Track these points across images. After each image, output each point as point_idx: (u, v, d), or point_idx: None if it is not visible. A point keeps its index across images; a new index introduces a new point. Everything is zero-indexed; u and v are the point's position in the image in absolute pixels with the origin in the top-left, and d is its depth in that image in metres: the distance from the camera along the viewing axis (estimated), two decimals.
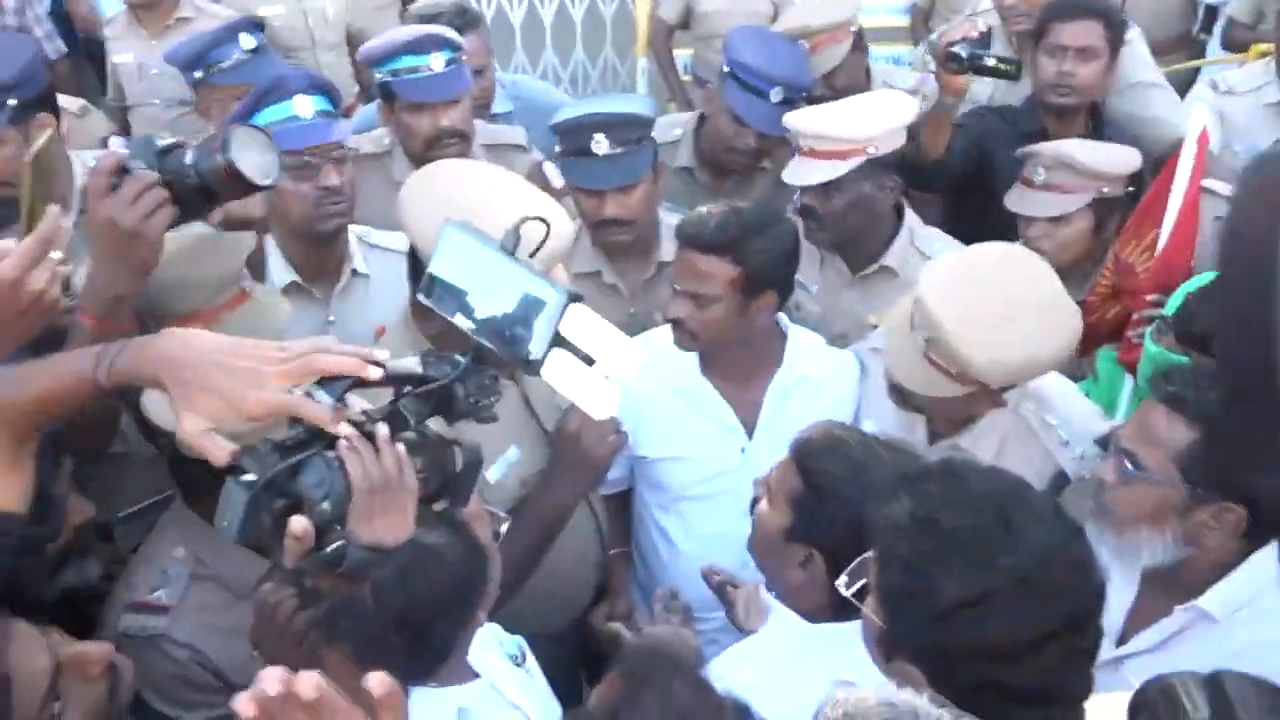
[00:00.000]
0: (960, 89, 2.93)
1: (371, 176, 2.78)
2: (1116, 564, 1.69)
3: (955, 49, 2.83)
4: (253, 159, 1.54)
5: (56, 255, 1.34)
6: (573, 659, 2.46)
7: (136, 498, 1.98)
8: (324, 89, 2.42)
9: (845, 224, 2.66)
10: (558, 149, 2.64)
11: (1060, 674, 1.22)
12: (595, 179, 2.52)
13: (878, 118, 2.65)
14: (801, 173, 2.63)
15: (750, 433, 2.36)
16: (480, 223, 1.84)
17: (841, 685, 1.09)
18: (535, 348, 1.08)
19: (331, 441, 1.10)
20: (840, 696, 1.05)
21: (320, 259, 2.49)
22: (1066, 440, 2.10)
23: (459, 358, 1.17)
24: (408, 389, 1.17)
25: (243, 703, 0.81)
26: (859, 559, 1.38)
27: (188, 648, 1.70)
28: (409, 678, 1.32)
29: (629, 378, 1.07)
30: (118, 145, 1.59)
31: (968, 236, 2.62)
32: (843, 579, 1.42)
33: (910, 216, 2.77)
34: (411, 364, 1.17)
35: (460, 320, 1.12)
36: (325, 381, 1.10)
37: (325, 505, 1.09)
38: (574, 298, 1.07)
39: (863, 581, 1.35)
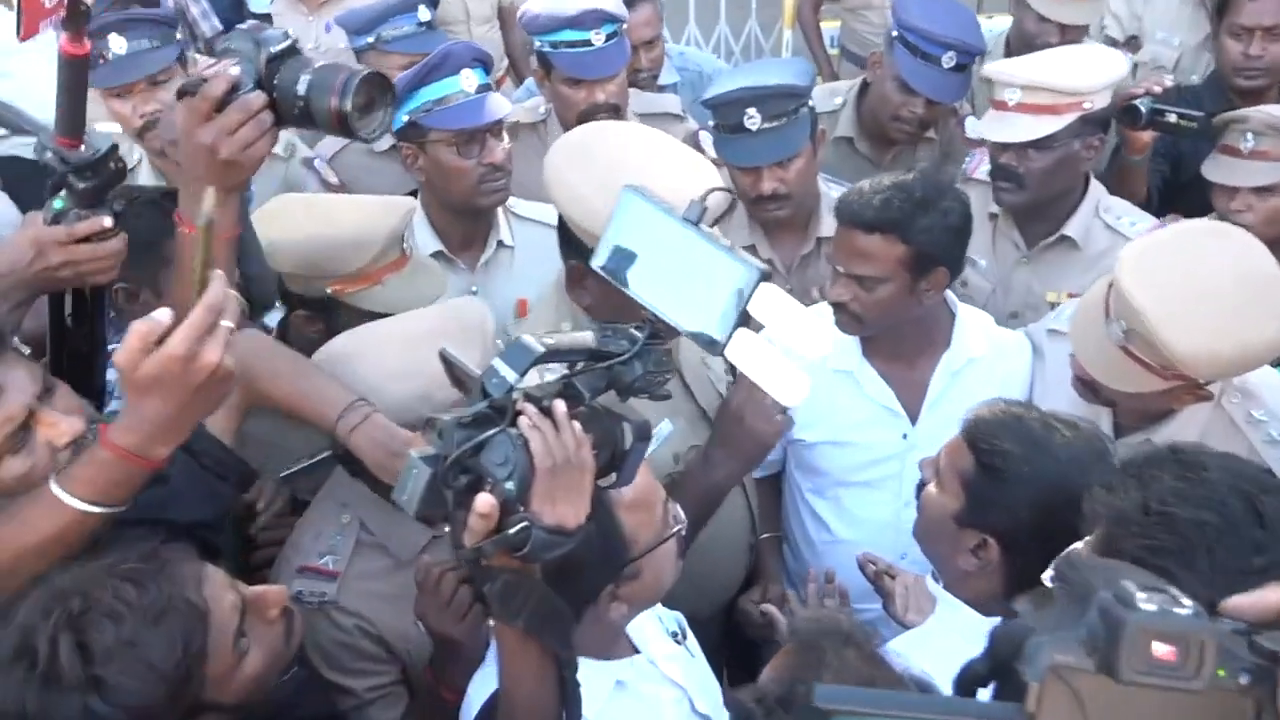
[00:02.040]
0: (1141, 148, 2.70)
1: (527, 146, 2.76)
2: None
3: (1136, 103, 2.61)
4: (369, 113, 1.49)
5: (227, 324, 1.26)
6: (715, 645, 2.39)
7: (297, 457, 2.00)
8: (484, 62, 2.42)
9: (1048, 186, 2.49)
10: (711, 124, 2.56)
11: None
12: (749, 155, 2.42)
13: (1096, 70, 2.47)
14: (1009, 128, 2.44)
15: (914, 418, 2.23)
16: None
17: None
18: (720, 326, 1.01)
19: (513, 419, 1.07)
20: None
21: (468, 230, 2.49)
22: (1277, 438, 1.91)
23: (635, 332, 1.12)
24: (582, 364, 1.13)
25: None
26: (1067, 551, 1.25)
27: (355, 616, 1.71)
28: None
29: (819, 358, 0.99)
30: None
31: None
32: (1049, 572, 1.29)
33: (1095, 185, 2.57)
34: (582, 339, 1.12)
35: (636, 292, 1.06)
36: (507, 354, 1.06)
37: (510, 484, 1.06)
38: (765, 275, 1.00)
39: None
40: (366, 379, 1.65)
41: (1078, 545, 1.21)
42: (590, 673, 1.45)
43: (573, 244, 1.91)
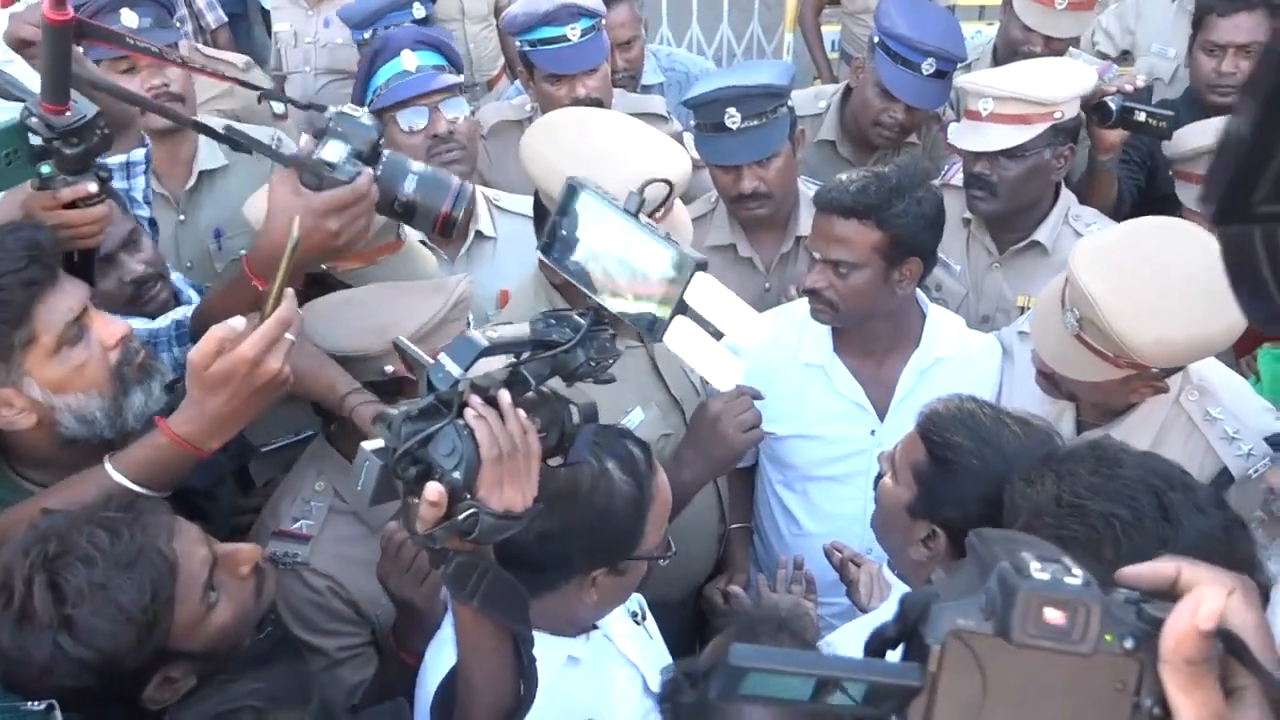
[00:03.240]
0: (1111, 146, 2.72)
1: (512, 143, 2.79)
2: None
3: (1107, 100, 2.64)
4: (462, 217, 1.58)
5: (290, 337, 1.41)
6: (688, 630, 2.43)
7: (274, 435, 2.05)
8: (434, 45, 2.50)
9: (1020, 194, 2.55)
10: (692, 124, 2.61)
11: None
12: (729, 154, 2.47)
13: (1066, 81, 2.52)
14: (982, 137, 2.51)
15: (882, 415, 2.27)
16: (603, 168, 1.86)
17: None
18: (659, 314, 1.05)
19: (460, 409, 1.12)
20: None
21: None
22: (1233, 435, 1.94)
23: (579, 318, 1.16)
24: (528, 353, 1.17)
25: None
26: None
27: (327, 578, 1.76)
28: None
29: (751, 346, 1.03)
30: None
31: None
32: None
33: (1066, 193, 2.62)
34: (523, 331, 1.16)
35: (580, 280, 1.10)
36: (452, 350, 1.11)
37: (457, 474, 1.11)
38: (700, 265, 1.04)
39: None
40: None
41: None
42: (542, 646, 1.50)
43: (545, 218, 1.95)
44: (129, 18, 2.57)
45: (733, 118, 2.41)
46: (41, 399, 1.48)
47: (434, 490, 1.10)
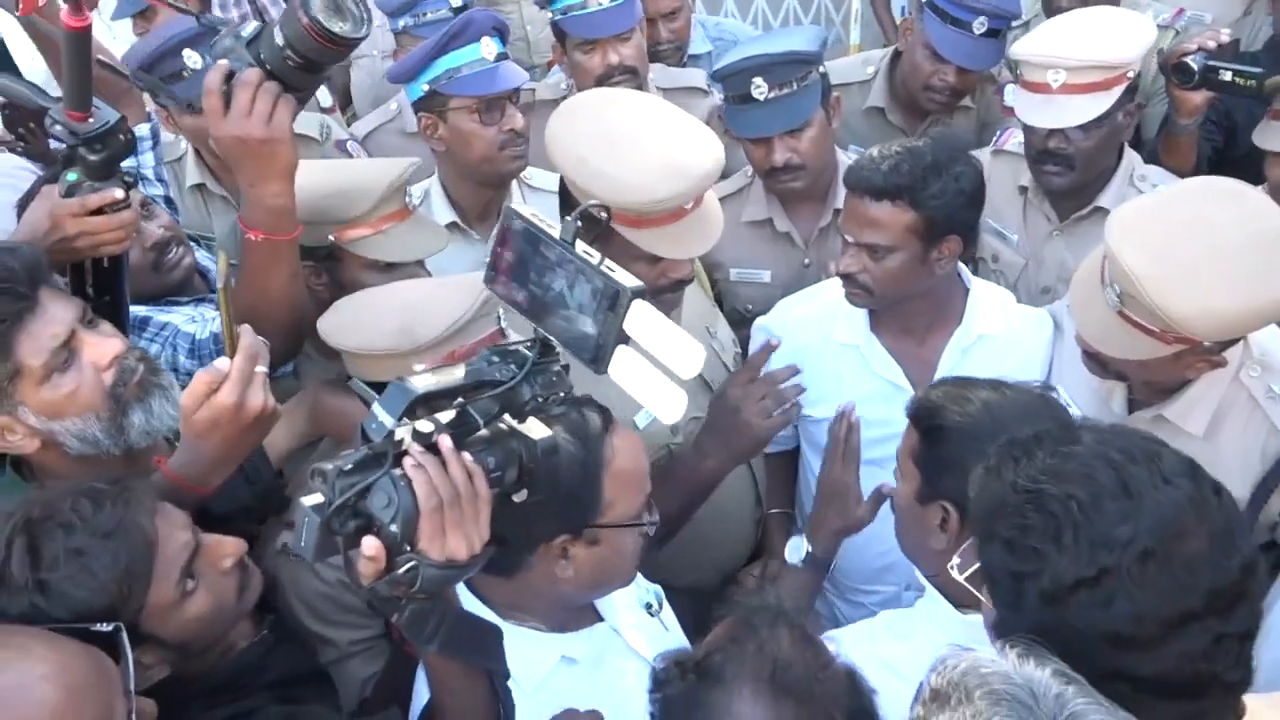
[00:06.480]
0: (1194, 109, 2.53)
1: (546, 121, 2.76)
2: None
3: (1188, 60, 2.45)
4: (339, 14, 1.52)
5: (261, 369, 1.43)
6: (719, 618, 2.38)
7: None
8: (502, 31, 2.43)
9: (1096, 163, 2.40)
10: (722, 97, 2.51)
11: (1205, 661, 1.03)
12: (758, 125, 2.38)
13: (1134, 37, 2.36)
14: (1059, 112, 2.31)
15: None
16: (625, 152, 1.81)
17: (957, 650, 0.97)
18: (601, 344, 1.04)
19: (397, 459, 1.10)
20: (951, 661, 0.94)
21: (485, 201, 2.51)
22: None
23: (526, 352, 1.16)
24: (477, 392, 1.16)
25: None
26: (969, 541, 1.21)
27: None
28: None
29: (691, 375, 1.01)
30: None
31: None
32: (955, 561, 1.25)
33: (1130, 153, 2.45)
34: (458, 374, 1.15)
35: (523, 311, 1.10)
36: (385, 399, 1.10)
37: (394, 527, 1.10)
38: (637, 293, 1.02)
39: (977, 565, 1.18)
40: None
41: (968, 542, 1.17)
42: (535, 648, 1.49)
43: (570, 203, 1.91)
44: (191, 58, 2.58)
45: (759, 88, 2.32)
46: (39, 425, 1.48)
47: (370, 545, 1.09)
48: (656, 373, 1.03)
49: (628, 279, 1.04)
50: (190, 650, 1.36)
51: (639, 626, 1.65)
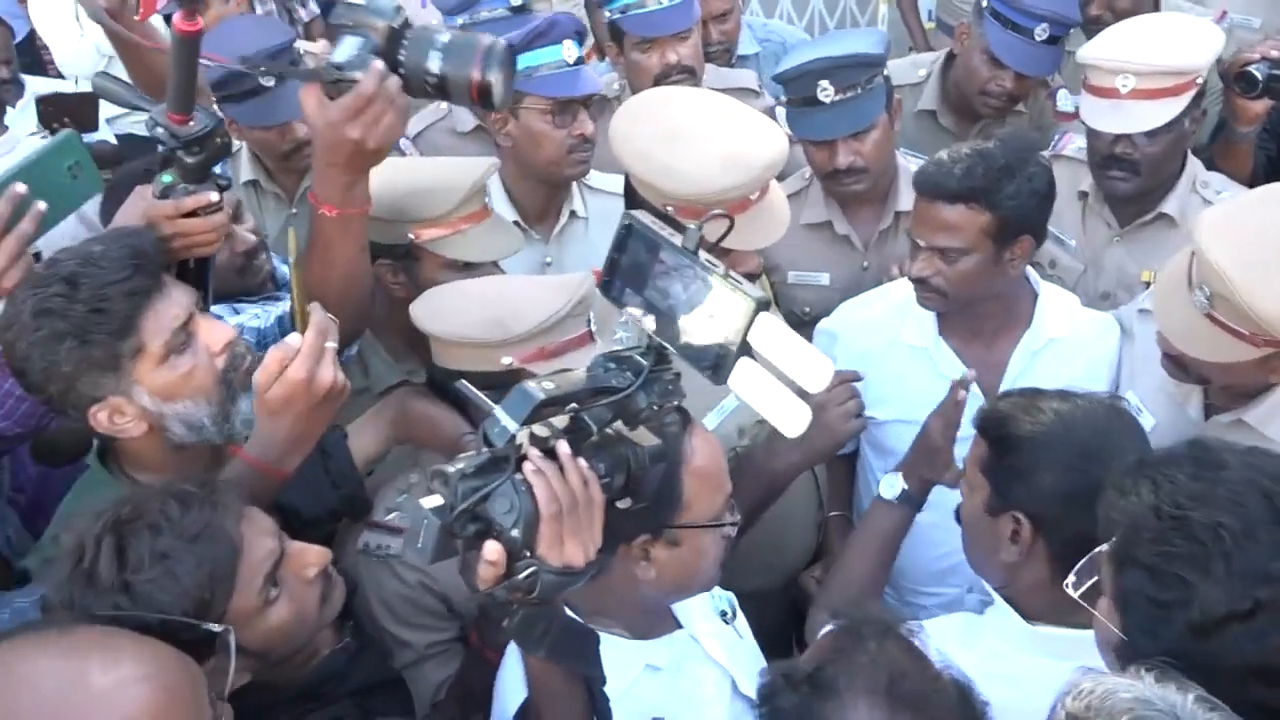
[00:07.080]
0: (1255, 117, 2.53)
1: (603, 122, 2.75)
2: None
3: (1252, 69, 2.44)
4: (502, 83, 1.49)
5: (332, 345, 1.44)
6: (784, 621, 2.37)
7: None
8: (583, 35, 2.43)
9: (1162, 169, 2.39)
10: (784, 99, 2.51)
11: None
12: (823, 128, 2.37)
13: (1203, 43, 2.34)
14: (1127, 117, 2.30)
15: (990, 399, 2.15)
16: (690, 148, 1.80)
17: (1088, 672, 0.95)
18: (722, 355, 1.03)
19: (518, 464, 1.10)
20: (1086, 686, 0.92)
21: (545, 201, 2.49)
22: None
23: (641, 359, 1.14)
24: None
25: None
26: (1089, 555, 1.19)
27: (419, 572, 1.74)
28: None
29: (820, 389, 0.99)
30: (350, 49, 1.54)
31: None
32: (1070, 579, 1.23)
33: (1192, 160, 2.45)
34: (580, 378, 1.15)
35: (642, 319, 1.09)
36: (508, 403, 1.09)
37: (515, 532, 1.10)
38: (762, 305, 1.00)
39: (1094, 579, 1.16)
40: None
41: (1101, 549, 1.15)
42: (620, 654, 1.47)
43: (635, 202, 1.91)
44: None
45: (825, 90, 2.31)
46: (151, 407, 1.49)
47: (492, 550, 1.09)
48: (779, 385, 1.02)
49: (753, 290, 1.03)
50: (270, 659, 1.34)
51: (715, 634, 1.64)
